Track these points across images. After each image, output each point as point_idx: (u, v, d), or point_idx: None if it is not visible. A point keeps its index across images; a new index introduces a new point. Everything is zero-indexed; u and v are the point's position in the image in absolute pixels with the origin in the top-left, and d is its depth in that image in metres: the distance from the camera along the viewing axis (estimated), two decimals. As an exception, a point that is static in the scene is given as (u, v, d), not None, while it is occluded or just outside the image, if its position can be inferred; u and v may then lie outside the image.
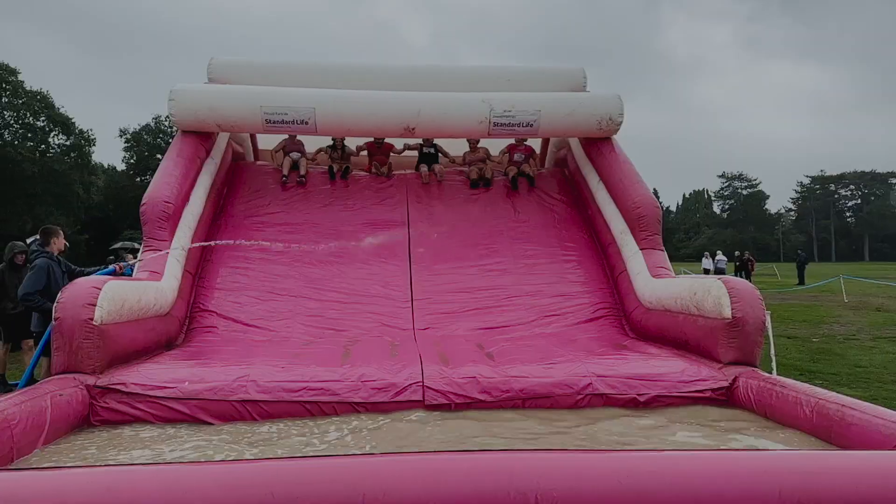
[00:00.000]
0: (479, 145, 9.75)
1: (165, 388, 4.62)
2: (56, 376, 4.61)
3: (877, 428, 3.58)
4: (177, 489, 2.53)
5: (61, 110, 45.39)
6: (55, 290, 5.49)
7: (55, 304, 4.67)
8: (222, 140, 8.73)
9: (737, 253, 33.37)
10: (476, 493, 2.54)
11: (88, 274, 6.08)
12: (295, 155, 9.13)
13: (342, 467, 2.68)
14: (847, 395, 4.30)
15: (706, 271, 24.43)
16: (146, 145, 51.70)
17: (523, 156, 9.52)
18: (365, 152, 9.44)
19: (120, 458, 3.76)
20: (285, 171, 8.94)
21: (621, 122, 8.12)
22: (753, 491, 2.63)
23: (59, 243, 6.08)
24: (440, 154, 9.65)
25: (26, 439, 3.73)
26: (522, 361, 5.42)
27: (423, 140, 9.27)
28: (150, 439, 4.13)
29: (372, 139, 9.29)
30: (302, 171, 8.93)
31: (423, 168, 9.34)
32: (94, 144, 47.98)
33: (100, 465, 3.46)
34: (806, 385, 4.59)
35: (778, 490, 2.61)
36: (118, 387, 4.57)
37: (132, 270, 6.49)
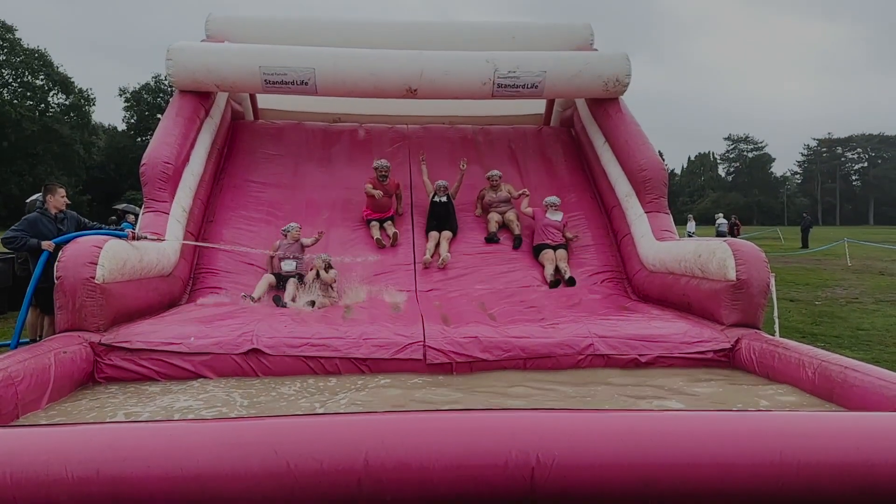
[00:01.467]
0: (502, 180, 8.25)
1: (170, 343, 4.66)
2: (60, 334, 4.63)
3: (879, 390, 3.58)
4: (180, 446, 2.55)
5: (60, 69, 44.81)
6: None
7: (56, 263, 4.66)
8: (221, 99, 8.60)
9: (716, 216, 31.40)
10: (478, 452, 2.56)
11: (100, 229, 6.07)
12: (288, 265, 6.83)
13: (345, 425, 2.69)
14: (849, 357, 4.29)
15: (689, 235, 24.10)
16: (146, 105, 51.13)
17: (559, 213, 7.85)
18: (369, 187, 7.83)
19: (124, 415, 3.79)
20: (256, 294, 6.49)
21: (628, 84, 7.95)
22: (754, 451, 2.64)
23: (54, 200, 5.99)
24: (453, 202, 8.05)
25: (31, 396, 3.76)
26: (524, 322, 5.43)
27: (436, 187, 7.98)
28: (153, 396, 4.17)
29: (375, 174, 7.99)
30: (287, 298, 6.48)
31: (429, 249, 7.55)
32: (93, 104, 47.54)
33: (103, 423, 3.49)
34: (809, 347, 4.59)
35: (779, 450, 2.62)
36: (123, 344, 4.61)
37: None
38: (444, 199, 7.93)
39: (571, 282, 7.20)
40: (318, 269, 6.70)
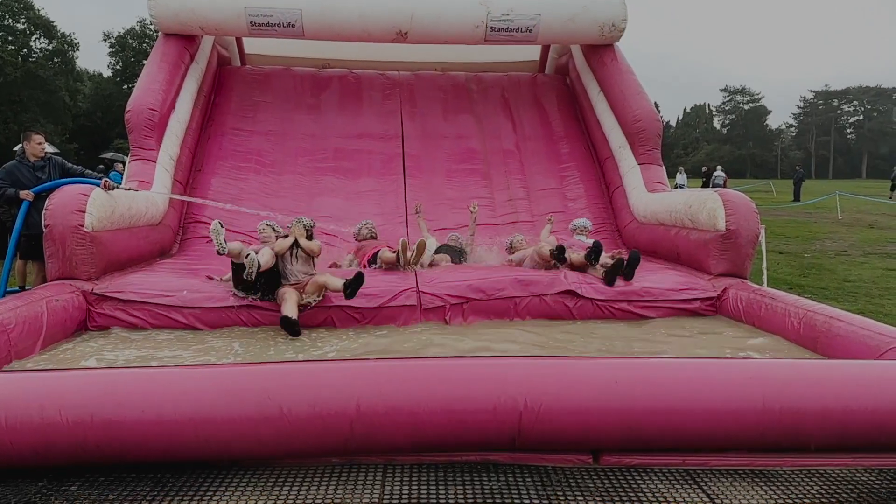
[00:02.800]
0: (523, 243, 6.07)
1: (163, 296, 4.67)
2: (52, 282, 4.62)
3: (862, 339, 3.65)
4: (175, 392, 2.58)
5: (41, 12, 43.36)
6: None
7: (44, 212, 4.60)
8: (207, 43, 8.34)
9: (704, 168, 28.67)
10: (468, 398, 2.61)
11: (85, 175, 5.95)
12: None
13: (338, 371, 2.73)
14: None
15: (679, 187, 23.75)
16: (132, 51, 49.65)
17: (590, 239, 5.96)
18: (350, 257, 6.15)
19: (118, 361, 3.82)
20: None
21: (624, 29, 7.77)
22: (738, 397, 2.70)
23: (30, 147, 5.84)
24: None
25: (24, 343, 3.78)
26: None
27: (449, 239, 6.41)
28: (146, 344, 4.19)
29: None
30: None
31: None
32: (77, 49, 46.20)
33: (97, 368, 3.52)
34: (794, 297, 4.66)
35: (762, 397, 2.69)
36: (115, 294, 4.61)
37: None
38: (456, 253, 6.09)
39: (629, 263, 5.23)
40: (297, 237, 4.82)
